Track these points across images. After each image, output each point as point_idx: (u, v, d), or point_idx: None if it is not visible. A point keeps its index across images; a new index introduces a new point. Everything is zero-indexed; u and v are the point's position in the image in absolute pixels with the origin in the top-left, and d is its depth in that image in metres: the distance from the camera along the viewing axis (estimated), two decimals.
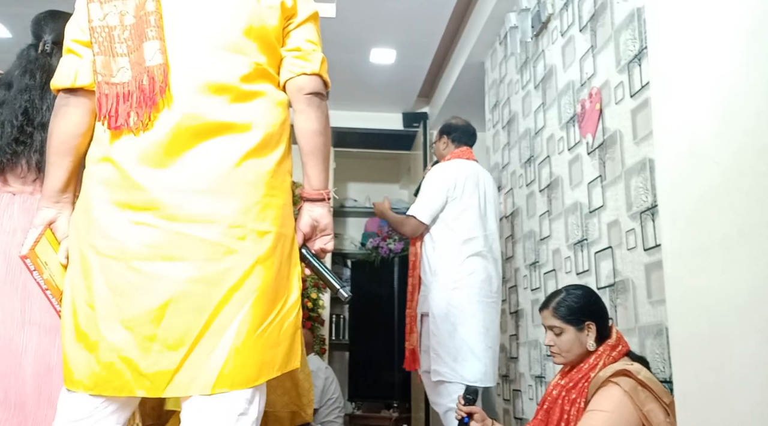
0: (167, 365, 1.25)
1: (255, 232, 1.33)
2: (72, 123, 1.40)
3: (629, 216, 2.33)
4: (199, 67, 1.36)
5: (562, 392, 1.95)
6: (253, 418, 1.30)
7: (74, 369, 1.28)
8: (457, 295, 2.93)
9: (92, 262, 1.30)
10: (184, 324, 1.26)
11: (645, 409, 1.74)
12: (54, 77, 1.42)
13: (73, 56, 1.41)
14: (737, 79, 1.06)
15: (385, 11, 4.17)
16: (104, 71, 1.34)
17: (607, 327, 2.00)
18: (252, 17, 1.41)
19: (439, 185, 3.08)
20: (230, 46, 1.38)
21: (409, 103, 5.66)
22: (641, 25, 2.31)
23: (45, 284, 1.40)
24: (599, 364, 1.90)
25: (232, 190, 1.32)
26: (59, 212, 1.45)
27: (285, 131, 1.45)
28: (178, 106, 1.33)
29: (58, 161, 1.42)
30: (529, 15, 3.42)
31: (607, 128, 2.54)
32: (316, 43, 1.52)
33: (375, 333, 5.71)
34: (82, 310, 1.30)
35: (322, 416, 4.50)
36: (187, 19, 1.39)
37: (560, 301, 2.03)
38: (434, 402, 3.01)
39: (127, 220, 1.29)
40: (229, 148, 1.33)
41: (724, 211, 1.07)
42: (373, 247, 5.98)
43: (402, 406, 5.46)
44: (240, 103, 1.37)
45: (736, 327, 1.03)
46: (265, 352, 1.31)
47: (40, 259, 1.40)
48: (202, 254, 1.28)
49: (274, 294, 1.35)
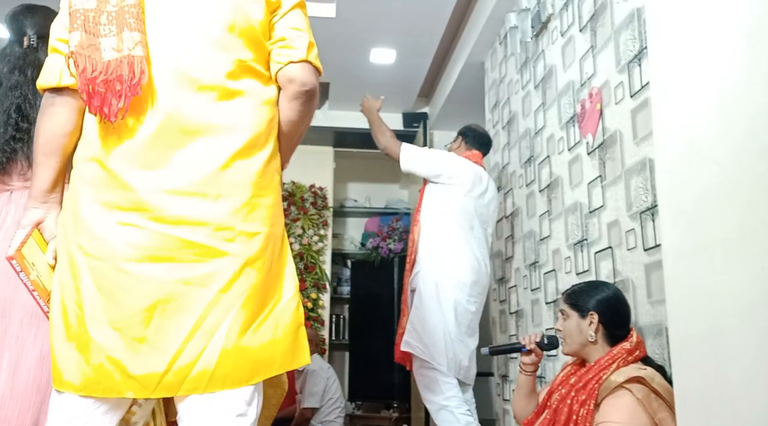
0: (156, 367, 1.24)
1: (244, 233, 1.32)
2: (58, 123, 1.39)
3: (629, 216, 2.33)
4: (182, 65, 1.34)
5: (571, 392, 1.91)
6: (252, 419, 1.30)
7: (63, 370, 1.28)
8: (445, 279, 2.98)
9: (80, 262, 1.29)
10: (172, 325, 1.25)
11: (657, 417, 1.71)
12: (39, 77, 1.41)
13: (58, 55, 1.39)
14: (737, 79, 1.06)
15: (385, 11, 4.17)
16: (81, 44, 1.29)
17: (622, 328, 1.98)
18: (236, 13, 1.39)
19: (441, 161, 3.18)
20: (214, 43, 1.36)
21: (409, 103, 5.66)
22: (641, 25, 2.31)
23: (32, 285, 1.39)
24: (612, 367, 1.87)
25: (219, 192, 1.31)
26: (47, 212, 1.44)
27: (273, 129, 1.43)
28: (163, 105, 1.32)
29: (45, 161, 1.41)
30: (529, 15, 3.42)
31: (607, 128, 2.53)
32: (301, 29, 1.48)
33: (375, 333, 5.71)
34: (71, 310, 1.29)
35: (323, 416, 4.51)
36: (171, 16, 1.37)
37: (575, 289, 2.11)
38: (427, 399, 2.98)
39: (114, 221, 1.29)
40: (216, 149, 1.32)
41: (725, 211, 1.07)
42: (373, 247, 5.98)
43: (402, 406, 5.47)
44: (225, 101, 1.35)
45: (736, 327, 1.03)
46: (259, 351, 1.31)
47: (27, 259, 1.39)
48: (190, 256, 1.27)
49: (264, 294, 1.35)
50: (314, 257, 5.66)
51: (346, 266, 6.39)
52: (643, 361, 1.91)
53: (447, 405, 2.87)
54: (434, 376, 2.93)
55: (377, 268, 5.89)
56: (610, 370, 1.86)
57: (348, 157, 6.09)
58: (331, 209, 5.88)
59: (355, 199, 6.47)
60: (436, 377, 2.92)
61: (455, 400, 2.89)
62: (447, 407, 2.87)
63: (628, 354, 1.90)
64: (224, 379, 1.26)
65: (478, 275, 3.06)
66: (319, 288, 5.65)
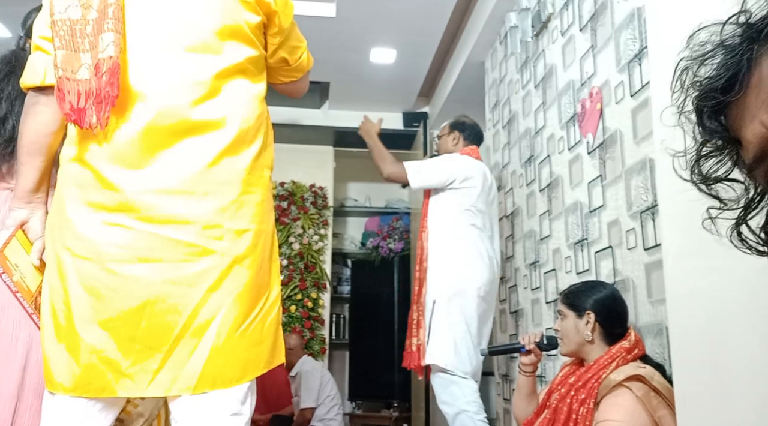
0: (149, 365, 1.24)
1: (232, 231, 1.31)
2: (42, 122, 1.37)
3: (629, 216, 2.33)
4: (170, 65, 1.33)
5: (570, 391, 1.92)
6: (246, 419, 1.30)
7: (54, 371, 1.27)
8: (465, 288, 2.93)
9: (67, 263, 1.29)
10: (163, 325, 1.25)
11: (657, 415, 1.72)
12: (23, 75, 1.39)
13: (41, 53, 1.37)
14: None
15: (385, 11, 4.17)
16: (65, 67, 1.29)
17: (619, 327, 1.99)
18: (224, 14, 1.37)
19: (450, 167, 3.10)
20: (202, 45, 1.35)
21: (409, 102, 5.65)
22: (641, 25, 2.31)
23: (15, 287, 1.38)
24: (611, 365, 1.87)
25: (207, 190, 1.30)
26: (32, 212, 1.43)
27: (262, 125, 1.42)
28: (149, 105, 1.30)
29: (29, 161, 1.40)
30: (529, 14, 3.42)
31: (607, 128, 2.54)
32: (299, 46, 1.56)
33: (375, 333, 5.71)
34: (60, 311, 1.28)
35: (322, 414, 4.51)
36: (159, 17, 1.36)
37: (572, 289, 2.11)
38: (445, 402, 2.88)
39: (100, 221, 1.28)
40: (203, 147, 1.31)
41: None
42: (373, 247, 5.98)
43: (402, 406, 5.47)
44: (213, 99, 1.34)
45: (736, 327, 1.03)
46: (249, 350, 1.31)
47: (10, 260, 1.38)
48: (178, 255, 1.27)
49: (256, 292, 1.34)
50: (314, 257, 5.65)
51: (346, 266, 6.39)
52: (642, 360, 1.92)
53: (467, 409, 2.79)
54: (456, 380, 2.86)
55: (377, 268, 5.89)
56: (610, 369, 1.86)
57: (348, 156, 6.09)
58: (332, 209, 5.88)
59: (355, 198, 6.47)
60: (458, 381, 2.86)
61: (475, 405, 2.82)
62: (466, 411, 2.79)
63: (627, 352, 1.91)
64: (215, 379, 1.26)
65: (491, 272, 3.04)
66: (320, 287, 5.64)
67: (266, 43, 1.49)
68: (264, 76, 1.49)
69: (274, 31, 1.47)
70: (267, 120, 1.47)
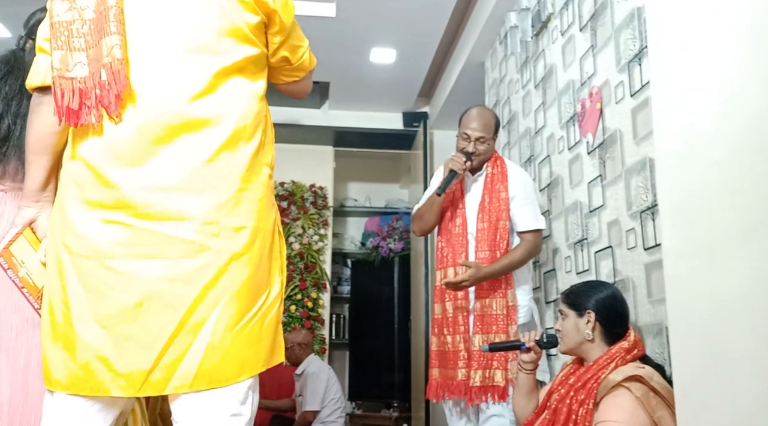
0: (142, 365, 1.24)
1: (229, 228, 1.31)
2: (46, 121, 1.39)
3: (629, 215, 2.33)
4: (169, 65, 1.33)
5: (570, 391, 1.92)
6: (247, 419, 1.30)
7: (52, 368, 1.28)
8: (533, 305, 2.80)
9: (66, 261, 1.30)
10: (158, 322, 1.25)
11: (656, 416, 1.72)
12: (28, 76, 1.42)
13: (44, 55, 1.39)
14: (737, 79, 1.06)
15: (385, 11, 4.17)
16: (60, 65, 1.31)
17: (620, 327, 1.99)
18: (223, 16, 1.37)
19: (535, 190, 2.98)
20: (202, 46, 1.35)
21: (409, 102, 5.66)
22: (641, 25, 2.31)
23: (20, 282, 1.41)
24: (611, 366, 1.88)
25: (204, 186, 1.30)
26: (40, 211, 1.45)
27: (260, 123, 1.42)
28: (147, 103, 1.31)
29: (35, 160, 1.42)
30: (529, 14, 3.42)
31: (607, 128, 2.54)
32: (300, 45, 1.56)
33: (375, 333, 5.71)
34: (58, 309, 1.29)
35: (324, 416, 4.50)
36: (159, 20, 1.36)
37: (573, 289, 2.12)
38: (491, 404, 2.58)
39: (98, 219, 1.28)
40: (201, 144, 1.31)
41: (724, 210, 1.07)
42: (373, 247, 5.98)
43: (402, 406, 5.47)
44: (209, 96, 1.34)
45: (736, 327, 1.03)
46: (247, 348, 1.30)
47: (16, 257, 1.40)
48: (175, 252, 1.27)
49: (255, 290, 1.34)
50: (314, 257, 5.65)
51: (346, 266, 6.39)
52: (642, 360, 1.92)
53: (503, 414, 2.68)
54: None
55: (377, 268, 5.90)
56: (609, 369, 1.87)
57: (348, 156, 6.09)
58: (331, 209, 5.88)
59: (355, 198, 6.47)
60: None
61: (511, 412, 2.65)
62: (502, 415, 2.59)
63: (626, 353, 1.91)
64: (210, 377, 1.26)
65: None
66: (320, 287, 5.65)
67: (267, 42, 1.49)
68: (264, 74, 1.49)
69: (275, 29, 1.47)
70: (267, 118, 1.46)
